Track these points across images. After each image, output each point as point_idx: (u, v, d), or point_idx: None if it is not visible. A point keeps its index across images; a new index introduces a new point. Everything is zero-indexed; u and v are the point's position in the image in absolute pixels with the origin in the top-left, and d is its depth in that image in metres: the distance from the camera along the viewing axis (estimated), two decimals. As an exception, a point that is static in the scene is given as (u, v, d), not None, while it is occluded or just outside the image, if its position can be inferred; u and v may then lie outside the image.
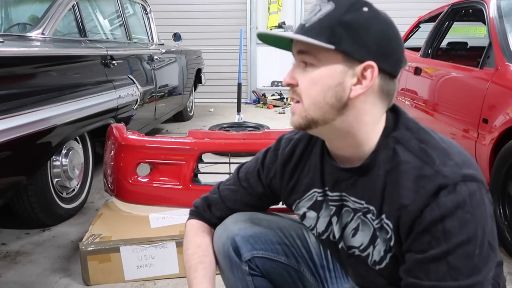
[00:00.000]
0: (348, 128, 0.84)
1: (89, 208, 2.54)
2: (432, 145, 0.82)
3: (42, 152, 1.96)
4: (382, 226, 0.84)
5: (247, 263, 1.06)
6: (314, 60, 0.81)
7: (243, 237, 1.06)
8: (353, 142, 0.85)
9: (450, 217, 0.74)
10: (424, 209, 0.76)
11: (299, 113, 0.84)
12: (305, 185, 1.00)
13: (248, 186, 1.10)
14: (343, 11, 0.79)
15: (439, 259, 0.75)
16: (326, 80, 0.81)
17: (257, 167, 1.09)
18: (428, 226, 0.76)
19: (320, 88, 0.81)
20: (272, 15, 6.85)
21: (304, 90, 0.83)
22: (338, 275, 1.10)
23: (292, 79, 0.84)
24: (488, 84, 2.21)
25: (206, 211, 1.14)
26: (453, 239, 0.74)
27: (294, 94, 0.85)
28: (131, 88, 2.91)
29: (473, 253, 0.74)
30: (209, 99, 6.75)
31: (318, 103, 0.82)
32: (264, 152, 1.10)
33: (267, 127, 4.23)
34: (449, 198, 0.75)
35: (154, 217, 1.91)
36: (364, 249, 0.91)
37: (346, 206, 0.92)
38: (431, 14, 3.77)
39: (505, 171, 1.94)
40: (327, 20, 0.79)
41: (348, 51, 0.79)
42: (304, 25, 0.82)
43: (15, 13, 2.96)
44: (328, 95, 0.81)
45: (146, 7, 4.13)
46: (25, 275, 1.84)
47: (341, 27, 0.78)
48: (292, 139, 1.05)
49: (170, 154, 1.95)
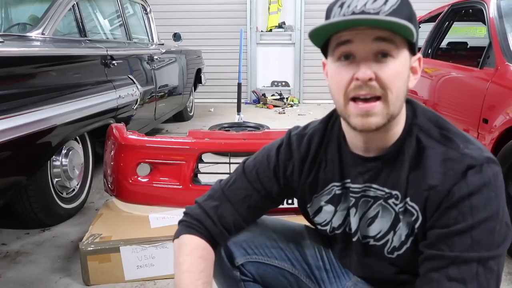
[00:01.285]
0: (397, 119, 0.85)
1: (89, 208, 2.54)
2: (452, 131, 0.87)
3: (42, 152, 1.96)
4: (407, 209, 0.87)
5: (239, 269, 1.05)
6: (395, 51, 0.78)
7: (236, 242, 1.05)
8: (392, 131, 0.87)
9: (477, 194, 0.79)
10: (453, 188, 0.80)
11: (381, 112, 0.79)
12: (323, 180, 0.99)
13: (262, 188, 1.02)
14: (411, 5, 0.81)
15: (464, 232, 0.79)
16: (404, 73, 0.81)
17: (272, 164, 1.02)
18: (456, 202, 0.80)
19: (402, 80, 0.80)
20: (272, 15, 6.84)
21: (389, 85, 0.78)
22: (336, 275, 1.09)
23: (373, 73, 0.77)
24: (488, 84, 2.21)
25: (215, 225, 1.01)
26: (478, 214, 0.78)
27: (372, 90, 0.78)
28: (131, 88, 2.91)
29: (494, 229, 0.79)
30: (209, 99, 6.75)
31: (400, 96, 0.81)
32: (275, 148, 1.03)
33: (267, 127, 4.23)
34: (476, 177, 0.80)
35: (154, 217, 1.91)
36: (382, 237, 0.92)
37: (366, 196, 0.93)
38: (431, 14, 3.77)
39: (505, 171, 1.94)
40: (404, 11, 0.78)
41: (415, 43, 0.82)
42: (378, 14, 0.76)
43: (15, 13, 2.96)
44: (405, 86, 0.82)
45: (146, 7, 4.13)
46: (25, 275, 1.84)
47: (414, 20, 0.81)
48: (303, 135, 1.02)
49: (170, 154, 1.95)
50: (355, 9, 0.77)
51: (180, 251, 0.98)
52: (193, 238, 1.00)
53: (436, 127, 0.87)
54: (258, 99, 6.82)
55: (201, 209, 1.03)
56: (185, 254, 0.96)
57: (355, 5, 0.78)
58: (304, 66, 6.93)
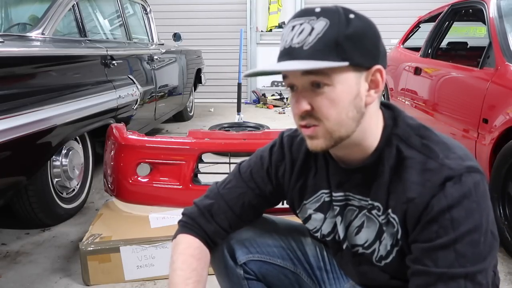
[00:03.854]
0: (362, 134, 0.84)
1: (89, 208, 2.54)
2: (433, 140, 0.84)
3: (42, 152, 1.96)
4: (389, 220, 0.86)
5: (242, 267, 1.06)
6: (328, 80, 0.77)
7: (239, 241, 1.06)
8: (362, 145, 0.86)
9: (457, 207, 0.77)
10: (431, 200, 0.78)
11: (323, 136, 0.81)
12: (312, 187, 0.99)
13: (256, 187, 1.03)
14: (343, 24, 0.77)
15: (447, 247, 0.77)
16: (346, 97, 0.78)
17: (265, 165, 1.03)
18: (436, 216, 0.77)
19: (341, 106, 0.79)
20: (272, 15, 6.85)
21: (325, 113, 0.79)
22: (336, 276, 1.10)
23: (308, 105, 0.79)
24: (488, 84, 2.21)
25: (210, 223, 1.02)
26: (460, 227, 0.76)
27: (311, 120, 0.80)
28: (131, 88, 2.91)
29: (478, 241, 0.77)
30: (209, 99, 6.75)
31: (342, 121, 0.79)
32: (268, 149, 1.05)
33: (267, 127, 4.23)
34: (455, 188, 0.77)
35: (154, 217, 1.91)
36: (369, 246, 0.91)
37: (350, 205, 0.93)
38: (431, 14, 3.77)
39: (505, 171, 1.94)
40: (329, 37, 0.76)
41: (359, 63, 0.78)
42: (301, 48, 0.76)
43: (15, 13, 2.96)
44: (350, 110, 0.79)
45: (146, 7, 4.13)
46: (25, 275, 1.84)
47: (348, 41, 0.76)
48: (294, 138, 1.02)
49: (170, 154, 1.95)
50: (285, 44, 0.79)
51: (174, 250, 1.00)
52: (187, 237, 1.01)
53: (417, 135, 0.85)
54: (258, 99, 6.83)
55: (196, 208, 1.05)
56: (178, 253, 0.98)
57: (285, 39, 0.80)
58: (304, 66, 6.92)
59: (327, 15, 0.77)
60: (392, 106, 0.90)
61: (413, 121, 0.88)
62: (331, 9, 0.78)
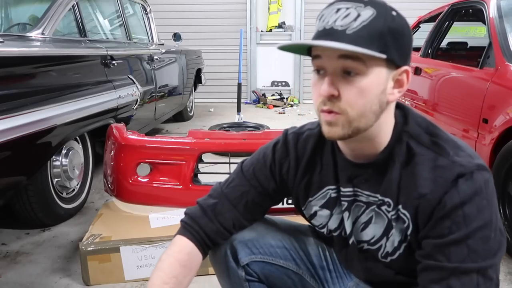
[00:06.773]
0: (377, 130, 0.84)
1: (89, 208, 2.54)
2: (442, 138, 0.86)
3: (42, 152, 1.96)
4: (399, 216, 0.87)
5: (244, 269, 1.05)
6: (363, 68, 0.77)
7: (241, 241, 1.06)
8: (375, 141, 0.86)
9: (469, 203, 0.78)
10: (444, 196, 0.79)
11: (342, 124, 0.80)
12: (318, 183, 0.99)
13: (259, 185, 1.03)
14: (389, 18, 0.78)
15: (459, 242, 0.78)
16: (374, 89, 0.79)
17: (268, 162, 1.03)
18: (449, 212, 0.79)
19: (368, 98, 0.78)
20: (272, 15, 6.85)
21: (351, 102, 0.78)
22: (339, 275, 1.10)
23: (335, 90, 0.78)
24: (488, 84, 2.21)
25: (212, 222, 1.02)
26: (472, 223, 0.78)
27: (334, 106, 0.79)
28: (131, 88, 2.91)
29: (489, 237, 0.79)
30: (209, 99, 6.75)
31: (364, 113, 0.80)
32: (271, 147, 1.05)
33: (267, 127, 4.23)
34: (467, 185, 0.79)
35: (154, 217, 1.91)
36: (376, 242, 0.92)
37: (358, 200, 0.93)
38: (431, 14, 3.77)
39: (505, 171, 1.94)
40: (374, 27, 0.76)
41: (394, 59, 0.79)
42: (344, 31, 0.76)
43: (15, 13, 2.96)
44: (374, 103, 0.80)
45: (146, 7, 4.13)
46: (25, 275, 1.84)
47: (390, 35, 0.77)
48: (299, 135, 1.02)
49: (170, 154, 1.95)
50: (326, 25, 0.78)
51: (167, 249, 1.01)
52: (182, 239, 1.01)
53: (427, 133, 0.87)
54: (258, 99, 6.83)
55: (200, 207, 1.05)
56: (167, 254, 0.99)
57: (327, 20, 0.78)
58: (304, 66, 6.93)
59: (375, 6, 0.78)
60: (402, 105, 0.91)
61: (422, 119, 0.90)
62: (379, 1, 0.79)
